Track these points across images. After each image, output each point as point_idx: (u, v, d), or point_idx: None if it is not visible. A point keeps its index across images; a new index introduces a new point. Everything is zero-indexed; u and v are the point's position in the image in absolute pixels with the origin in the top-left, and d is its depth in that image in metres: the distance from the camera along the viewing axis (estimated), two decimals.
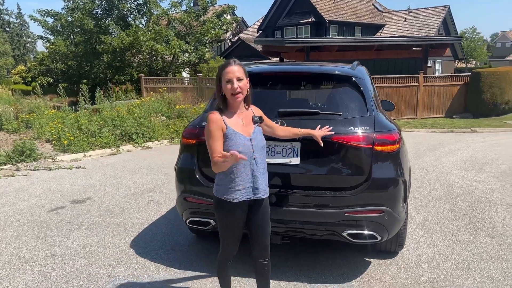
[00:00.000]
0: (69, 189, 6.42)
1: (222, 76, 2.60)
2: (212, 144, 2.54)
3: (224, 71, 2.58)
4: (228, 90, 2.58)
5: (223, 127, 2.57)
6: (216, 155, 2.49)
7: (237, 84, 2.56)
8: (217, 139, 2.55)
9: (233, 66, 2.59)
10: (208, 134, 2.57)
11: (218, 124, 2.56)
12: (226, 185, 2.65)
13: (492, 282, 3.48)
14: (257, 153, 2.68)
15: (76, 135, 9.80)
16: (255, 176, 2.67)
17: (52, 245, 4.31)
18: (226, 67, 2.59)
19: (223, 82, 2.59)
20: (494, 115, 14.90)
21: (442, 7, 29.41)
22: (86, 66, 22.07)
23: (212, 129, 2.55)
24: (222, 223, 2.76)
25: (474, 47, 51.15)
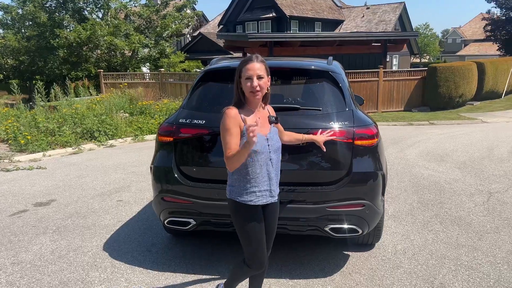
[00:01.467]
0: (30, 191, 6.10)
1: (242, 72, 2.48)
2: (229, 139, 2.41)
3: (245, 67, 2.46)
4: (248, 88, 2.46)
5: (241, 124, 2.44)
6: (231, 151, 2.39)
7: (257, 82, 2.45)
8: (235, 135, 2.42)
9: (255, 62, 2.47)
10: (224, 129, 2.43)
11: (236, 120, 2.44)
12: (241, 186, 2.54)
13: (466, 270, 3.61)
14: (273, 154, 2.59)
15: (34, 134, 9.33)
16: (271, 178, 2.59)
17: (18, 251, 4.07)
18: (248, 63, 2.47)
19: (242, 78, 2.47)
20: (450, 108, 15.55)
21: (397, 4, 30.32)
22: (39, 62, 21.04)
23: (229, 124, 2.42)
24: (242, 228, 2.58)
25: (427, 42, 53.17)
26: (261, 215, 2.60)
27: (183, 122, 3.45)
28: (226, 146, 2.42)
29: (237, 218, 2.59)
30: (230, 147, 2.41)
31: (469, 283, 3.39)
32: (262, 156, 2.52)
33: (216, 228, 3.55)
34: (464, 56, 41.32)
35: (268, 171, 2.57)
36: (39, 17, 19.42)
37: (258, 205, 2.57)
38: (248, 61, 2.48)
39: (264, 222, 2.66)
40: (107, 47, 18.81)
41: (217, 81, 3.68)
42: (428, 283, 3.40)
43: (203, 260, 3.82)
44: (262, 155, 2.52)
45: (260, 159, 2.52)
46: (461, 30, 54.17)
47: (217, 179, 3.37)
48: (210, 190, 3.34)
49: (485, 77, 16.86)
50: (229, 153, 2.40)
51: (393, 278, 3.49)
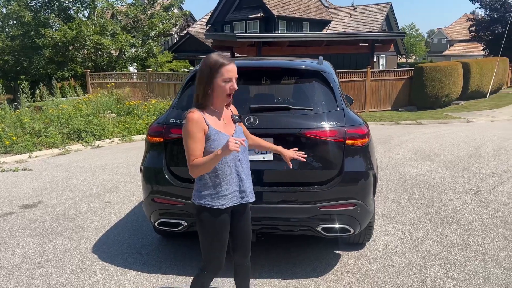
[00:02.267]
0: (16, 193, 5.99)
1: (219, 73, 2.31)
2: (194, 146, 2.30)
3: (226, 68, 2.31)
4: (225, 90, 2.34)
5: (205, 128, 2.33)
6: (196, 158, 2.30)
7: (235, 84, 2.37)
8: (198, 141, 2.31)
9: (233, 64, 2.36)
10: (187, 135, 2.31)
11: (200, 125, 2.31)
12: (211, 191, 2.42)
13: (456, 267, 3.64)
14: (241, 154, 2.48)
15: (19, 135, 9.17)
16: (241, 178, 2.49)
17: (5, 254, 3.98)
18: (227, 64, 2.32)
19: (219, 79, 2.32)
20: (436, 108, 15.71)
21: (384, 4, 30.57)
22: (24, 61, 20.71)
23: (193, 130, 2.30)
24: (209, 233, 2.47)
25: (413, 43, 53.76)
26: (229, 218, 2.52)
27: (173, 123, 3.42)
28: (190, 152, 2.31)
29: (205, 224, 2.46)
30: (195, 153, 2.30)
31: (459, 281, 3.42)
32: (230, 157, 2.42)
33: None
34: (449, 56, 41.85)
35: (238, 171, 2.48)
36: (23, 16, 19.12)
37: (230, 207, 2.48)
38: (227, 62, 2.33)
39: (238, 225, 2.59)
40: (93, 47, 18.59)
41: None
42: (419, 282, 3.42)
43: (194, 261, 3.79)
44: (230, 156, 2.42)
45: (228, 160, 2.42)
46: (447, 30, 54.87)
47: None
48: None
49: (470, 77, 17.08)
50: (193, 160, 2.30)
51: (384, 277, 3.51)
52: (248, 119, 3.28)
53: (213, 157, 2.25)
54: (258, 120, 3.27)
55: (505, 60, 21.89)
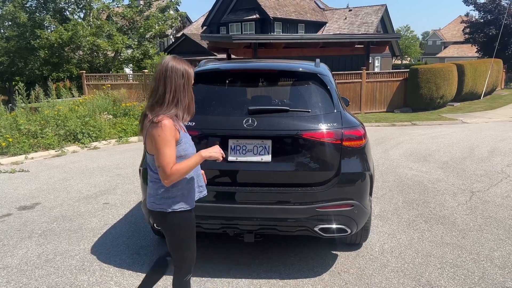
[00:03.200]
0: (13, 194, 5.99)
1: (192, 80, 2.38)
2: (170, 153, 2.26)
3: (192, 76, 2.38)
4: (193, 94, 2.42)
5: (176, 135, 2.32)
6: (172, 165, 2.26)
7: None
8: (173, 147, 2.29)
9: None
10: (164, 141, 2.24)
11: (174, 131, 2.29)
12: (183, 192, 2.42)
13: (451, 267, 3.69)
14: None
15: (15, 136, 9.16)
16: (198, 174, 2.56)
17: (4, 256, 4.00)
18: (192, 70, 2.39)
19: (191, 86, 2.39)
20: (431, 109, 15.82)
21: (379, 6, 30.73)
22: (19, 63, 20.62)
23: (169, 136, 2.26)
24: (181, 237, 2.45)
25: (408, 44, 54.04)
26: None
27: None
28: (167, 160, 2.25)
29: (184, 227, 2.44)
30: (172, 160, 2.27)
31: (455, 280, 3.47)
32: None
33: (206, 230, 3.55)
34: (444, 58, 42.11)
35: (197, 168, 2.51)
36: (19, 17, 19.05)
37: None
38: (192, 69, 2.38)
39: None
40: (89, 48, 18.56)
41: (206, 83, 3.68)
42: (415, 281, 3.47)
43: None
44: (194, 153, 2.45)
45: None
46: (441, 32, 55.22)
47: (208, 181, 3.38)
48: None
49: (464, 78, 17.21)
50: (172, 167, 2.26)
51: (381, 276, 3.55)
52: (246, 121, 3.31)
53: (198, 159, 2.33)
54: (257, 122, 3.31)
55: (499, 62, 22.08)
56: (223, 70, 3.82)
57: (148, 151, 2.38)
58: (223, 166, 3.35)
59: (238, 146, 3.33)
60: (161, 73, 2.32)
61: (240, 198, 3.34)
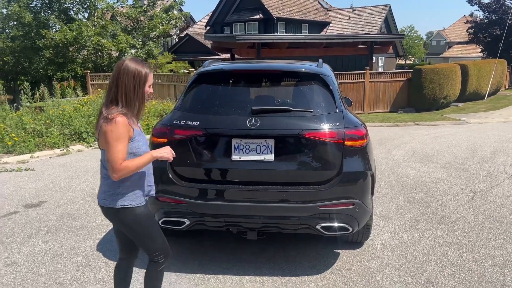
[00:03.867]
0: (19, 192, 6.07)
1: (147, 78, 2.48)
2: (122, 148, 2.37)
3: (150, 76, 2.50)
4: (148, 94, 2.52)
5: (130, 130, 2.43)
6: (122, 161, 2.37)
7: None
8: (125, 143, 2.40)
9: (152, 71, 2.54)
10: (117, 137, 2.35)
11: (127, 128, 2.41)
12: (134, 189, 2.52)
13: (452, 266, 3.74)
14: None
15: (21, 135, 9.25)
16: (149, 174, 2.65)
17: (11, 252, 4.07)
18: (149, 72, 2.50)
19: (146, 86, 2.48)
20: (434, 109, 15.82)
21: (383, 6, 30.71)
22: (24, 62, 20.78)
23: (123, 133, 2.37)
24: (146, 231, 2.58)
25: (412, 44, 53.95)
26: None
27: (177, 124, 3.51)
28: (117, 155, 2.36)
29: (139, 224, 2.54)
30: (122, 156, 2.37)
31: (455, 279, 3.51)
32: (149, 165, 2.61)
33: (210, 227, 3.61)
34: (448, 58, 42.01)
35: (148, 167, 2.62)
36: (24, 17, 19.19)
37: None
38: (149, 70, 2.50)
39: None
40: (93, 48, 18.68)
41: (210, 83, 3.74)
42: (415, 279, 3.51)
43: (196, 259, 3.88)
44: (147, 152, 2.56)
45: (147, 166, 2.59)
46: (445, 32, 55.08)
47: (211, 179, 3.45)
48: (204, 190, 3.41)
49: (468, 78, 17.20)
50: (122, 163, 2.36)
51: (382, 274, 3.60)
52: (250, 121, 3.37)
53: (148, 158, 2.47)
54: (260, 122, 3.36)
55: (503, 62, 22.01)
56: (227, 71, 3.87)
57: (100, 146, 2.46)
58: (227, 165, 3.41)
59: (241, 145, 3.38)
60: (115, 73, 2.45)
61: (243, 197, 3.39)
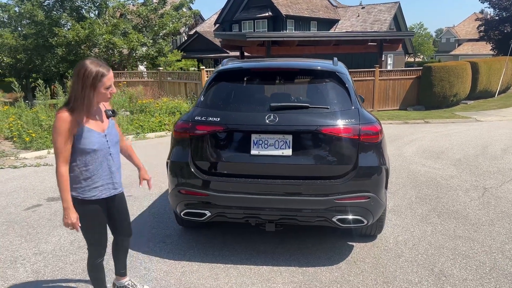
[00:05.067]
0: (40, 186, 6.27)
1: (101, 82, 2.53)
2: (61, 142, 2.49)
3: (106, 78, 2.55)
4: (107, 95, 2.61)
5: (75, 127, 2.53)
6: (63, 158, 2.52)
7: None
8: (67, 140, 2.51)
9: (111, 71, 2.61)
10: (58, 133, 2.48)
11: (70, 125, 2.50)
12: (81, 184, 2.64)
13: (463, 258, 3.86)
14: (112, 149, 2.74)
15: (38, 132, 9.48)
16: (112, 171, 2.75)
17: (38, 242, 4.26)
18: (107, 73, 2.56)
19: (101, 88, 2.55)
20: (444, 107, 15.83)
21: (393, 3, 30.63)
22: (37, 60, 21.06)
23: (64, 128, 2.48)
24: (84, 224, 2.69)
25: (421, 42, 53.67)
26: (102, 207, 2.78)
27: (198, 120, 3.65)
28: (58, 151, 2.51)
29: (80, 215, 2.65)
30: (63, 152, 2.51)
31: (467, 270, 3.63)
32: (102, 152, 2.66)
33: (230, 219, 3.76)
34: (458, 56, 41.77)
35: (109, 165, 2.72)
36: (36, 15, 19.45)
37: (103, 199, 2.75)
38: (107, 72, 2.56)
39: (115, 214, 2.93)
40: (105, 46, 18.89)
41: (230, 80, 3.89)
42: (428, 270, 3.64)
43: (216, 250, 4.04)
44: (102, 152, 2.65)
45: (99, 155, 2.65)
46: (455, 29, 54.70)
47: (232, 173, 3.60)
48: (225, 183, 3.56)
49: (479, 76, 17.17)
50: (61, 162, 2.52)
51: (395, 266, 3.73)
52: (268, 117, 3.51)
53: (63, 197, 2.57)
54: (278, 118, 3.50)
55: None
56: (246, 69, 4.02)
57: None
58: (247, 159, 3.55)
59: (260, 141, 3.52)
60: (73, 73, 2.59)
61: (262, 190, 3.53)
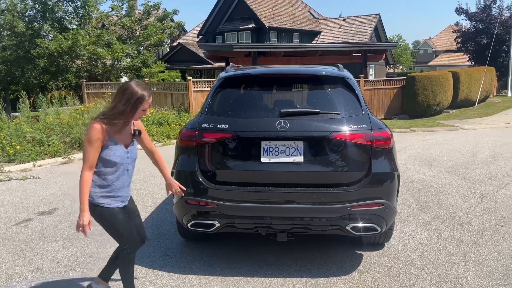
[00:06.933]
0: (29, 200, 6.01)
1: (141, 103, 2.75)
2: (90, 150, 2.71)
3: (146, 101, 2.77)
4: (141, 115, 2.84)
5: (105, 137, 2.73)
6: (89, 164, 2.72)
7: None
8: (96, 149, 2.72)
9: (151, 97, 2.83)
10: (89, 141, 2.70)
11: (101, 135, 2.71)
12: (96, 188, 2.82)
13: (475, 265, 3.81)
14: (130, 165, 2.93)
15: (22, 144, 9.15)
16: (125, 186, 2.93)
17: (33, 259, 4.03)
18: (148, 98, 2.77)
19: (140, 109, 2.78)
20: (428, 116, 16.05)
21: (373, 15, 31.19)
22: (16, 72, 20.57)
23: (95, 138, 2.69)
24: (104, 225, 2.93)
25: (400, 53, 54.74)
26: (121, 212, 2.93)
27: (205, 127, 3.53)
28: (85, 157, 2.73)
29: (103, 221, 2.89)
30: (89, 159, 2.71)
31: (481, 277, 3.58)
32: (121, 166, 2.85)
33: (239, 230, 3.63)
34: (435, 66, 42.69)
35: (124, 180, 2.91)
36: (17, 26, 19.04)
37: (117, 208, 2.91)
38: (148, 96, 2.78)
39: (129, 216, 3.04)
40: (88, 57, 18.58)
41: (237, 87, 3.80)
42: (442, 278, 3.57)
43: (223, 262, 3.89)
44: (121, 166, 2.84)
45: (119, 169, 2.85)
46: (432, 41, 56.06)
47: (241, 181, 3.48)
48: (234, 192, 3.44)
49: (460, 86, 17.51)
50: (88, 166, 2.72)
51: (408, 274, 3.65)
52: (279, 123, 3.42)
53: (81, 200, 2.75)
54: (289, 124, 3.41)
55: (492, 70, 22.47)
56: (253, 75, 3.93)
57: None
58: (257, 167, 3.44)
59: (271, 148, 3.43)
60: (117, 89, 2.80)
61: (273, 198, 3.42)
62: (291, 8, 32.37)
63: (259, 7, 29.46)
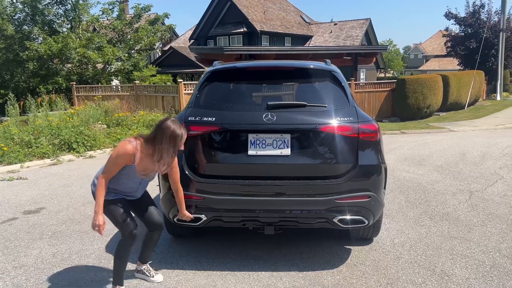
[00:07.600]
0: (15, 200, 5.92)
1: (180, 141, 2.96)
2: (112, 167, 2.92)
3: (183, 139, 2.98)
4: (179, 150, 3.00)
5: (131, 161, 2.92)
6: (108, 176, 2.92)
7: None
8: (119, 166, 2.92)
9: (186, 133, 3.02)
10: (116, 155, 2.91)
11: (129, 157, 2.90)
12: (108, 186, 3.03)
13: (462, 258, 3.81)
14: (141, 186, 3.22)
15: (9, 146, 9.05)
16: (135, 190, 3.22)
17: (17, 256, 3.97)
18: (184, 136, 2.98)
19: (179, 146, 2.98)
20: (418, 118, 16.16)
21: (364, 20, 31.44)
22: (6, 75, 20.40)
23: (123, 156, 2.90)
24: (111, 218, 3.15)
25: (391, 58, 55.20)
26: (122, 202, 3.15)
27: (192, 120, 3.51)
28: (107, 169, 2.93)
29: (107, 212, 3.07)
30: (110, 171, 2.93)
31: (468, 269, 3.59)
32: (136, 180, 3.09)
33: (226, 223, 3.60)
34: (426, 71, 43.04)
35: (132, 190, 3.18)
36: (6, 29, 18.91)
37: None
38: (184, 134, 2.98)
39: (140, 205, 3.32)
40: (78, 60, 18.47)
41: (224, 80, 3.78)
42: (430, 271, 3.57)
43: (210, 257, 3.86)
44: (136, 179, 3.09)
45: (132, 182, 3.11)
46: (422, 46, 56.63)
47: (228, 174, 3.45)
48: (221, 185, 3.41)
49: (449, 89, 17.67)
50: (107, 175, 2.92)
51: (396, 267, 3.65)
52: (266, 116, 3.41)
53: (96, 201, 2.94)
54: (276, 117, 3.40)
55: (481, 73, 22.72)
56: (240, 68, 3.92)
57: None
58: (244, 160, 3.42)
59: (257, 140, 3.41)
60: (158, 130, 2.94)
61: (260, 191, 3.41)
62: (282, 13, 32.52)
63: (250, 11, 29.56)
